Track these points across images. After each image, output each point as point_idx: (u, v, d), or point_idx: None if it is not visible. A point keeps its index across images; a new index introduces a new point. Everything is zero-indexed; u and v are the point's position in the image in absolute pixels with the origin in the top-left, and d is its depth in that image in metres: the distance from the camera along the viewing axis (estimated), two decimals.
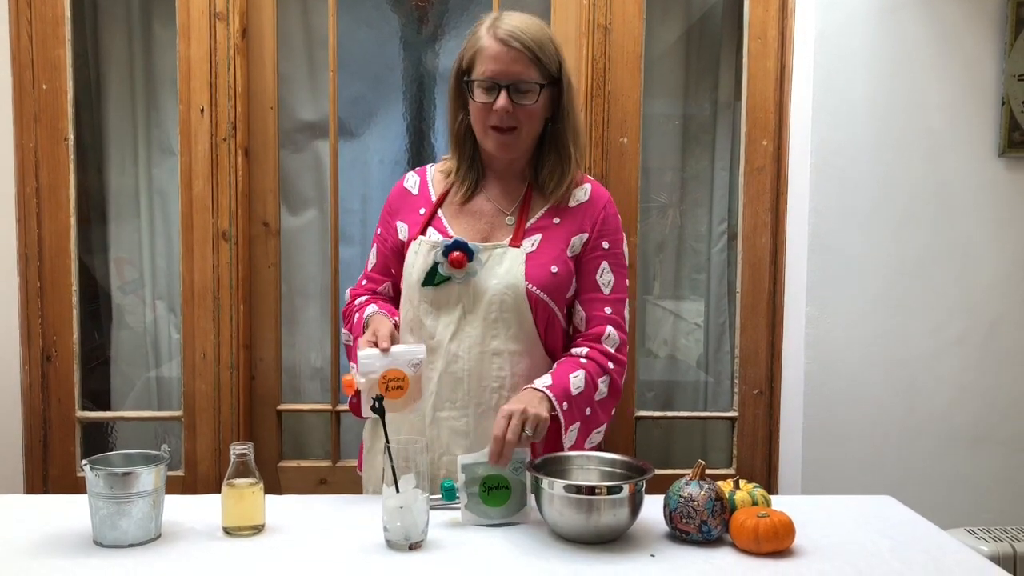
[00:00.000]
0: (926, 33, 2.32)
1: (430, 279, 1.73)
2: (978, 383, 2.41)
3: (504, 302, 1.71)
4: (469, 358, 1.72)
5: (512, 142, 1.73)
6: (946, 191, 2.36)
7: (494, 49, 1.68)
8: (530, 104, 1.70)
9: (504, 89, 1.68)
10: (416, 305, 1.76)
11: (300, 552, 1.43)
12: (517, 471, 1.57)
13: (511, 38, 1.68)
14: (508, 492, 1.57)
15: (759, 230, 2.52)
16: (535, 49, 1.69)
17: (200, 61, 2.40)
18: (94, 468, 1.44)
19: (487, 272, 1.72)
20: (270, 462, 2.54)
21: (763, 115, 2.49)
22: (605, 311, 1.77)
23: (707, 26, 2.75)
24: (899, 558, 1.43)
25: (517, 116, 1.70)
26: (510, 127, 1.71)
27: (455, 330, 1.73)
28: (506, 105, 1.68)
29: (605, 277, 1.78)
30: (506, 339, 1.72)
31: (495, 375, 1.73)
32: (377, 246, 1.90)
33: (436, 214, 1.81)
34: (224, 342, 2.45)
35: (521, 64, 1.68)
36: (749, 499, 1.52)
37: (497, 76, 1.68)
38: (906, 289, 2.38)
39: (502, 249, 1.74)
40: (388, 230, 1.87)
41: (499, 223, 1.79)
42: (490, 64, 1.68)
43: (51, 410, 2.48)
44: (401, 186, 1.90)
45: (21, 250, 2.42)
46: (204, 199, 2.43)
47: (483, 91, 1.70)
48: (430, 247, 1.74)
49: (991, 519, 2.38)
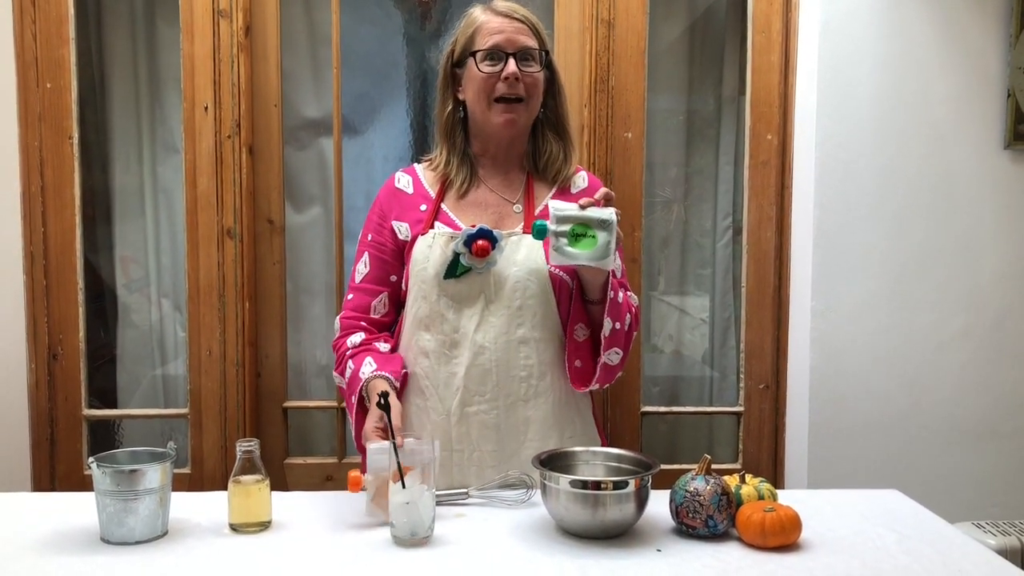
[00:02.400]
0: (930, 25, 2.32)
1: (451, 271, 1.70)
2: (984, 376, 2.40)
3: (528, 288, 1.71)
4: (496, 348, 1.70)
5: (518, 115, 1.74)
6: (951, 184, 2.36)
7: (497, 22, 1.73)
8: (536, 72, 1.74)
9: (511, 56, 1.71)
10: (435, 300, 1.73)
11: (307, 548, 1.44)
12: (604, 224, 1.60)
13: (512, 11, 1.75)
14: (595, 240, 1.60)
15: (764, 224, 2.52)
16: (535, 23, 1.76)
17: (204, 59, 2.40)
18: (101, 466, 1.45)
19: (506, 260, 1.71)
20: (276, 459, 2.54)
21: (767, 109, 2.49)
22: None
23: (711, 20, 2.75)
24: (906, 552, 1.43)
25: (526, 85, 1.72)
26: (517, 97, 1.72)
27: (479, 321, 1.71)
28: (516, 71, 1.70)
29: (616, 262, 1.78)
30: (532, 326, 1.72)
31: (523, 363, 1.72)
32: (370, 253, 1.83)
33: (440, 208, 1.79)
34: (230, 339, 2.45)
35: (525, 34, 1.73)
36: (755, 493, 1.52)
37: (504, 45, 1.72)
38: (911, 283, 2.37)
39: (518, 236, 1.74)
40: (383, 234, 1.82)
41: (507, 212, 1.79)
42: (495, 35, 1.72)
43: (58, 408, 2.48)
44: (392, 187, 1.86)
45: (27, 249, 2.43)
46: (209, 197, 2.43)
47: (489, 62, 1.72)
48: (448, 239, 1.72)
49: (998, 513, 2.38)
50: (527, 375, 1.72)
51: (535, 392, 1.72)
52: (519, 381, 1.72)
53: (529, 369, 1.72)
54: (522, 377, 1.72)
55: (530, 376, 1.72)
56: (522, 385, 1.72)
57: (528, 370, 1.72)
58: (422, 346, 1.75)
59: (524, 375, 1.72)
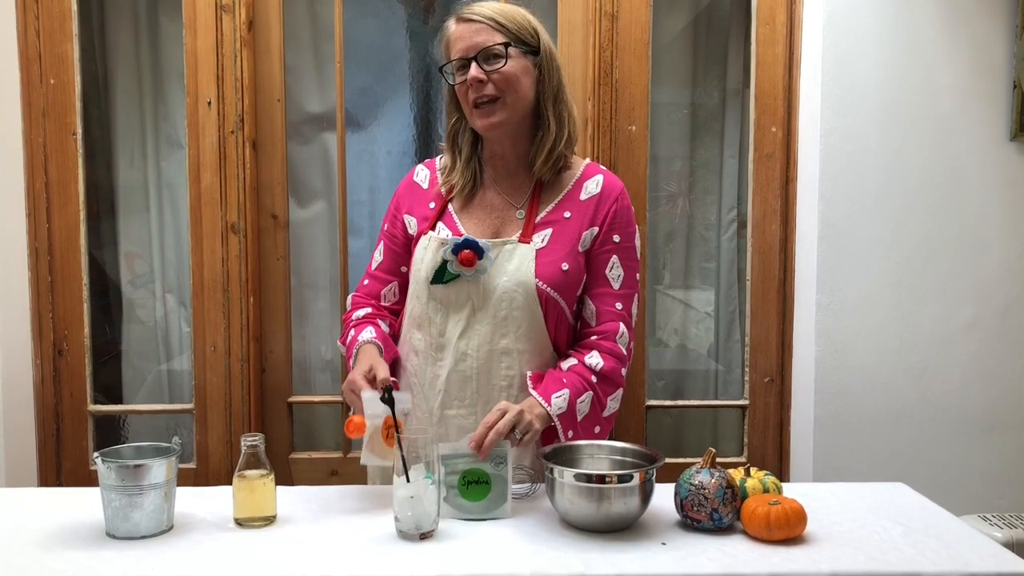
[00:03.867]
0: (935, 16, 2.30)
1: (439, 277, 1.70)
2: (990, 369, 2.40)
3: (514, 300, 1.69)
4: (478, 356, 1.70)
5: (496, 113, 1.69)
6: (957, 176, 2.35)
7: (457, 30, 1.70)
8: (501, 66, 1.67)
9: (473, 61, 1.67)
10: (425, 302, 1.74)
11: (311, 543, 1.44)
12: (498, 466, 1.54)
13: (470, 14, 1.69)
14: (488, 487, 1.53)
15: (768, 217, 2.51)
16: (496, 17, 1.68)
17: (207, 54, 2.40)
18: (106, 461, 1.45)
19: (497, 269, 1.70)
20: (281, 454, 2.54)
21: (772, 101, 2.48)
22: (616, 307, 1.74)
23: (715, 12, 2.74)
24: (912, 545, 1.42)
25: (495, 84, 1.67)
26: (492, 97, 1.68)
27: (464, 328, 1.71)
28: (477, 74, 1.66)
29: (615, 272, 1.75)
30: (516, 338, 1.70)
31: (504, 374, 1.71)
32: (384, 243, 1.86)
33: (446, 209, 1.79)
34: (234, 335, 2.46)
35: (484, 33, 1.67)
36: (760, 487, 1.51)
37: (465, 51, 1.68)
38: (917, 275, 2.36)
39: (512, 245, 1.71)
40: (397, 225, 1.84)
41: (509, 217, 1.76)
42: (457, 44, 1.69)
43: (63, 404, 2.49)
44: (411, 179, 1.87)
45: (31, 245, 2.43)
46: (212, 192, 2.43)
47: (457, 71, 1.70)
48: (439, 244, 1.71)
49: (1005, 505, 2.37)
50: (507, 385, 1.71)
51: (515, 402, 1.67)
52: (499, 390, 1.70)
53: (510, 379, 1.71)
54: (502, 387, 1.71)
55: (510, 386, 1.71)
56: (502, 394, 1.70)
57: (509, 380, 1.71)
58: (413, 344, 1.77)
59: (504, 384, 1.71)
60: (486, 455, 1.52)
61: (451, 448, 1.55)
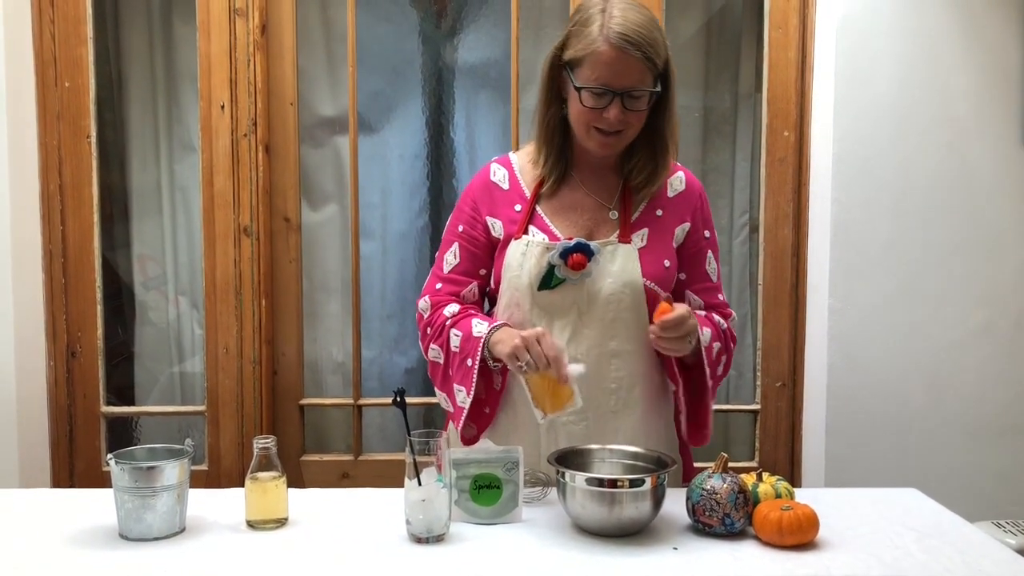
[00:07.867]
0: (948, 20, 2.30)
1: (546, 283, 1.65)
2: (1004, 374, 2.38)
3: (622, 301, 1.66)
4: (587, 361, 1.63)
5: (616, 145, 1.66)
6: (970, 180, 2.34)
7: (608, 56, 1.56)
8: (641, 110, 1.62)
9: (617, 97, 1.58)
10: (527, 310, 1.68)
11: (323, 545, 1.44)
12: (510, 471, 1.53)
13: (626, 43, 1.55)
14: (499, 492, 1.53)
15: (781, 222, 2.50)
16: (650, 52, 1.57)
17: (220, 57, 2.41)
18: (119, 462, 1.45)
19: (601, 272, 1.66)
20: (293, 456, 2.55)
21: (784, 106, 2.47)
22: (719, 298, 1.80)
23: (727, 16, 2.73)
24: (925, 551, 1.42)
25: (626, 120, 1.61)
26: (617, 130, 1.63)
27: (572, 333, 1.66)
28: (619, 114, 1.59)
29: (712, 266, 1.79)
30: (625, 339, 1.68)
31: (613, 376, 1.68)
32: (460, 244, 1.76)
33: (535, 211, 1.72)
34: (246, 337, 2.46)
35: (637, 73, 1.58)
36: (772, 492, 1.51)
37: (611, 84, 1.57)
38: (930, 280, 2.35)
39: (613, 246, 1.68)
40: (476, 227, 1.75)
41: (602, 218, 1.72)
42: (603, 71, 1.57)
43: (76, 405, 2.50)
44: (487, 179, 1.78)
45: (46, 247, 2.44)
46: (225, 195, 2.44)
47: (594, 96, 1.59)
48: (543, 249, 1.65)
49: (1018, 512, 2.36)
50: (617, 387, 1.68)
51: (624, 404, 1.68)
52: (609, 393, 1.68)
53: (619, 381, 1.68)
54: (612, 389, 1.68)
55: (620, 388, 1.69)
56: (611, 397, 1.68)
57: (618, 382, 1.68)
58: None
59: (614, 387, 1.68)
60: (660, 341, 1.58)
61: (463, 452, 1.55)
